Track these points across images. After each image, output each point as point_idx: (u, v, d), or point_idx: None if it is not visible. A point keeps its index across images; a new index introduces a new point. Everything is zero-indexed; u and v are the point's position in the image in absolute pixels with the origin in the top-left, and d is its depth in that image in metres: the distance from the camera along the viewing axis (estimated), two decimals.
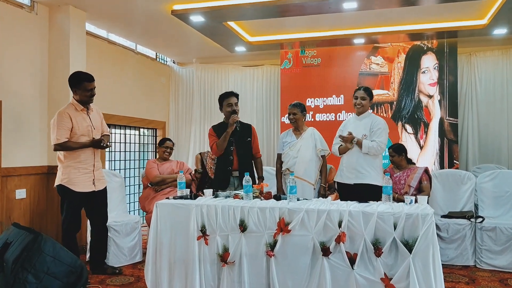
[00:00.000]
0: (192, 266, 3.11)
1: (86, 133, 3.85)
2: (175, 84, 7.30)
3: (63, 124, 3.72)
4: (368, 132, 3.87)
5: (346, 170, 3.91)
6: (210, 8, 4.77)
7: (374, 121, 3.90)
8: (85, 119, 3.88)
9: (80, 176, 3.81)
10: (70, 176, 3.78)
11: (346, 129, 3.99)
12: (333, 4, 4.59)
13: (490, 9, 5.05)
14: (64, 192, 3.81)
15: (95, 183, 3.91)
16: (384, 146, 3.83)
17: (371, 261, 2.79)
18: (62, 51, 4.69)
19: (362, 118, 3.98)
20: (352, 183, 3.85)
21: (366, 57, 6.29)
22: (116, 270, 4.07)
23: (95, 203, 3.96)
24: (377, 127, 3.85)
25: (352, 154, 3.88)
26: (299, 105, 4.27)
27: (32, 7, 4.58)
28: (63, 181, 3.78)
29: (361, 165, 3.82)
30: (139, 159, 6.71)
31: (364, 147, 3.78)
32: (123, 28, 5.58)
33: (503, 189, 4.60)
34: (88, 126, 3.87)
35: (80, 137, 3.81)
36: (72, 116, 3.78)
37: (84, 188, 3.83)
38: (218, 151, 4.02)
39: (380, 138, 3.80)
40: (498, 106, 6.14)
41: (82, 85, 3.81)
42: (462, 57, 6.25)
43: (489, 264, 4.19)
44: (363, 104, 3.94)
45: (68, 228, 3.84)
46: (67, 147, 3.74)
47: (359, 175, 3.82)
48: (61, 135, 3.70)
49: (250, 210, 3.04)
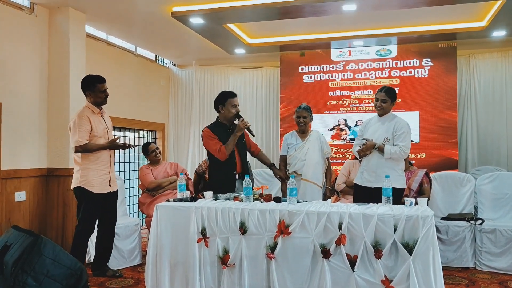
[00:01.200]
0: (192, 269, 3.10)
1: (103, 135, 3.90)
2: (175, 86, 7.31)
3: (83, 127, 3.76)
4: (390, 135, 3.69)
5: (367, 173, 3.77)
6: (209, 10, 4.78)
7: (397, 124, 3.70)
8: (100, 121, 3.93)
9: (98, 178, 3.84)
10: (88, 178, 3.80)
11: (367, 130, 3.86)
12: (333, 6, 4.60)
13: (489, 12, 5.07)
14: (82, 194, 3.82)
15: (111, 184, 3.95)
16: (407, 150, 3.64)
17: (371, 263, 2.79)
18: (61, 53, 4.69)
19: (385, 120, 3.79)
20: (372, 187, 3.69)
21: None
22: (117, 273, 4.06)
23: (107, 205, 3.98)
24: (401, 130, 3.66)
25: (373, 157, 3.72)
26: (309, 108, 4.22)
27: (32, 9, 4.58)
28: (82, 183, 3.80)
29: (381, 169, 3.63)
30: (138, 161, 6.71)
31: (387, 153, 3.61)
32: (123, 30, 5.58)
33: (502, 191, 4.61)
34: (104, 128, 3.94)
35: (98, 139, 3.85)
36: (90, 118, 3.82)
37: (102, 189, 3.87)
38: (226, 155, 3.76)
39: (403, 143, 3.62)
40: (497, 108, 6.15)
41: (96, 87, 3.87)
42: (461, 59, 6.26)
43: (489, 266, 4.19)
44: (384, 107, 3.74)
45: (83, 230, 3.85)
46: (88, 149, 3.77)
47: (380, 178, 3.54)
48: (82, 137, 3.74)
49: (250, 212, 3.04)
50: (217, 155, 3.78)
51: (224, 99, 3.85)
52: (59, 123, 4.66)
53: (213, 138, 3.80)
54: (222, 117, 3.91)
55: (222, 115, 3.90)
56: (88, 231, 3.90)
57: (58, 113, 4.67)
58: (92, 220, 3.90)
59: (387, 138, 3.69)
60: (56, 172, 4.65)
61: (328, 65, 6.44)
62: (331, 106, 6.42)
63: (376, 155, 3.70)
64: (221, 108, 3.88)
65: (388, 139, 3.69)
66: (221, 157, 3.77)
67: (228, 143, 3.76)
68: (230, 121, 3.90)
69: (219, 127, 3.88)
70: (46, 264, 3.09)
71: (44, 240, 3.19)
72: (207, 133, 3.84)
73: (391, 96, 3.76)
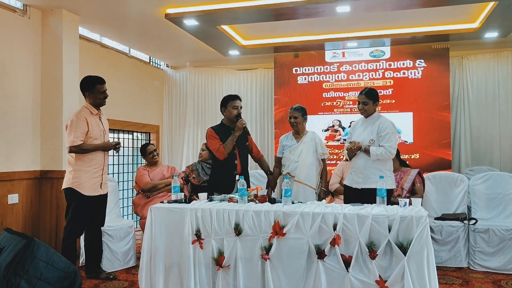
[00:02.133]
0: (186, 270, 3.09)
1: (99, 137, 3.89)
2: (169, 88, 7.29)
3: (80, 127, 3.74)
4: (375, 136, 3.70)
5: (355, 175, 3.79)
6: (203, 11, 4.77)
7: (381, 125, 3.71)
8: (98, 123, 3.91)
9: (90, 180, 3.82)
10: (80, 180, 3.78)
11: (354, 132, 3.89)
12: (327, 8, 4.61)
13: (481, 13, 5.11)
14: (72, 195, 3.80)
15: (102, 186, 3.93)
16: (393, 150, 3.64)
17: (366, 263, 2.80)
18: (55, 55, 4.67)
19: (370, 121, 3.80)
20: (360, 188, 3.71)
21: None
22: (111, 275, 4.04)
23: (97, 207, 3.95)
24: (385, 131, 3.66)
25: (360, 158, 3.74)
26: (301, 108, 4.24)
27: (24, 11, 4.55)
28: (73, 184, 3.78)
29: (368, 169, 3.67)
30: (132, 163, 6.68)
31: (372, 154, 3.62)
32: (117, 32, 5.57)
33: (495, 191, 4.64)
34: (101, 130, 3.93)
35: (94, 141, 3.83)
36: (88, 119, 3.80)
37: (93, 191, 3.84)
38: (225, 154, 3.91)
39: (388, 143, 3.62)
40: (489, 109, 6.19)
41: (96, 88, 3.86)
42: (454, 60, 6.30)
43: (483, 266, 4.21)
44: (366, 109, 3.76)
45: (71, 232, 3.83)
46: (83, 149, 3.75)
47: (367, 179, 3.66)
48: (77, 138, 3.72)
49: (245, 214, 3.03)
50: (216, 154, 3.95)
51: (226, 102, 4.04)
52: (52, 126, 4.64)
53: (215, 138, 3.98)
54: (225, 119, 4.08)
55: (225, 117, 4.07)
56: (76, 232, 3.89)
57: (52, 116, 4.65)
58: (81, 222, 3.87)
59: (372, 139, 3.71)
60: (49, 174, 4.63)
61: (322, 67, 6.46)
62: (325, 107, 6.43)
63: (363, 156, 3.72)
64: (223, 110, 4.07)
65: (373, 140, 3.70)
66: (219, 156, 3.92)
67: (226, 143, 3.90)
68: (233, 122, 4.01)
69: (222, 128, 4.05)
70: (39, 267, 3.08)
71: (37, 243, 3.18)
72: (210, 133, 4.03)
73: (372, 97, 3.77)
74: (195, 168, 4.88)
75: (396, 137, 3.74)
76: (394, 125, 3.79)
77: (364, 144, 3.70)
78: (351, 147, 3.69)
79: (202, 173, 4.80)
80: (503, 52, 6.14)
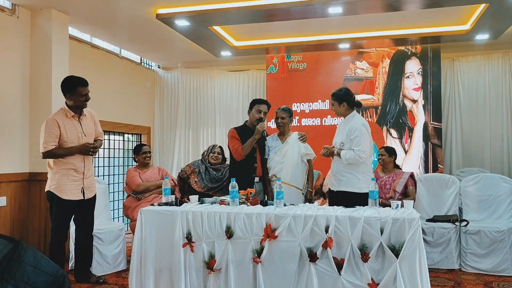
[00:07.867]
0: (177, 274, 3.05)
1: (76, 140, 3.75)
2: (160, 89, 7.24)
3: (50, 132, 3.64)
4: (345, 139, 3.63)
5: (333, 177, 3.80)
6: (195, 12, 4.74)
7: (352, 127, 3.61)
8: (75, 125, 3.78)
9: (69, 184, 3.73)
10: (58, 183, 3.70)
11: (336, 134, 3.88)
12: (319, 9, 4.60)
13: (473, 15, 5.13)
14: (52, 199, 3.74)
15: (84, 191, 3.82)
16: (364, 154, 3.52)
17: (358, 266, 2.79)
18: (44, 56, 4.60)
19: (345, 122, 3.76)
20: (335, 190, 3.74)
21: (351, 62, 6.33)
22: (100, 279, 3.99)
23: (82, 212, 3.88)
24: (354, 134, 3.57)
25: (335, 162, 3.75)
26: (288, 109, 4.26)
27: (13, 11, 4.49)
28: (52, 187, 3.71)
29: (340, 172, 3.67)
30: (123, 165, 6.62)
31: (343, 159, 3.58)
32: (107, 32, 5.51)
33: (486, 193, 4.66)
34: (78, 133, 3.77)
35: (70, 145, 3.72)
36: (60, 123, 3.68)
37: (72, 196, 3.75)
38: (242, 156, 3.97)
39: (358, 147, 3.52)
40: (481, 111, 6.22)
41: (77, 90, 3.70)
42: (446, 62, 6.33)
43: (474, 268, 4.23)
44: (335, 111, 3.76)
45: (56, 236, 3.76)
46: (55, 154, 3.67)
47: (340, 182, 3.67)
48: (48, 143, 3.63)
49: (237, 216, 3.01)
50: (234, 154, 4.04)
51: (253, 104, 4.18)
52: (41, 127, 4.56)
53: (235, 139, 4.07)
54: (249, 121, 4.19)
55: (249, 120, 4.19)
56: (61, 237, 3.79)
57: (40, 117, 4.56)
58: (63, 226, 3.79)
59: (342, 142, 3.66)
60: (38, 176, 4.56)
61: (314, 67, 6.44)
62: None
63: (337, 160, 3.70)
64: (249, 112, 4.20)
65: (343, 143, 3.65)
66: (237, 157, 4.02)
67: (245, 145, 3.98)
68: (255, 125, 4.07)
69: (244, 130, 4.13)
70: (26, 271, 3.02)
71: (25, 246, 3.12)
72: (231, 133, 4.12)
73: (337, 98, 3.73)
74: (197, 170, 4.50)
75: (367, 139, 3.60)
76: (367, 125, 3.67)
77: (337, 148, 3.70)
78: (324, 153, 3.70)
79: (207, 178, 4.44)
80: (493, 54, 6.18)
